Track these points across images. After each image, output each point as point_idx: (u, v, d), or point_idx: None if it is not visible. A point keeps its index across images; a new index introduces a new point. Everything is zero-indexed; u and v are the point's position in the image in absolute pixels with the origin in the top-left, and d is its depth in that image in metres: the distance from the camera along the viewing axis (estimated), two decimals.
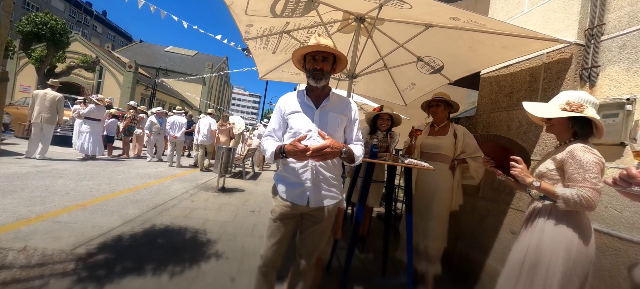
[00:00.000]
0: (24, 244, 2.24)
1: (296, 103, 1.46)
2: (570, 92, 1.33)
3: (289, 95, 1.52)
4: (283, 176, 1.43)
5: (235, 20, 2.34)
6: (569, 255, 1.19)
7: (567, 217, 1.23)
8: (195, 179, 6.06)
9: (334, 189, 1.44)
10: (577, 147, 1.23)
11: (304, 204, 1.37)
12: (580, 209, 1.16)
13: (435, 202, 2.19)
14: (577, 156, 1.20)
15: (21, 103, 9.62)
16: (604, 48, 1.76)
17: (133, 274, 2.02)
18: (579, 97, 1.29)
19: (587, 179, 1.16)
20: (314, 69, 1.39)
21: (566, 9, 1.97)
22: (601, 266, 1.61)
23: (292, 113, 1.44)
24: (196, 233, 2.95)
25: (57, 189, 3.82)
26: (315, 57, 1.41)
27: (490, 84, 2.58)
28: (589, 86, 1.81)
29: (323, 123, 1.40)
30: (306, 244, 1.46)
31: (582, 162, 1.18)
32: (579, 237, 1.20)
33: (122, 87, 22.08)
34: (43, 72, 14.18)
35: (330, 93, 1.48)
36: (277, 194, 1.43)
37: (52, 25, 13.43)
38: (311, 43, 1.42)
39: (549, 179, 1.30)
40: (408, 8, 1.89)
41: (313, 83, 1.42)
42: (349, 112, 1.48)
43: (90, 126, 6.58)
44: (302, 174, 1.37)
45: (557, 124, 1.35)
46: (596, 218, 1.65)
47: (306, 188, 1.37)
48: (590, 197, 1.12)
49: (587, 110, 1.25)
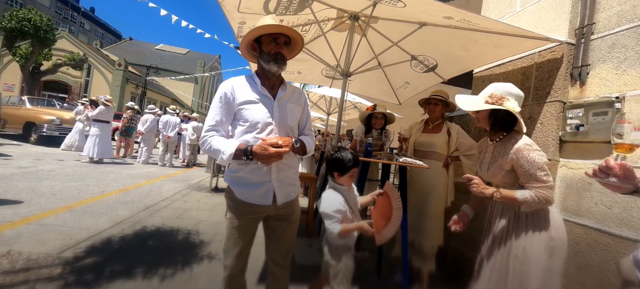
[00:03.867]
0: (7, 248, 2.16)
1: (249, 92, 1.26)
2: (495, 85, 1.37)
3: (236, 80, 1.29)
4: (240, 177, 1.25)
5: (227, 18, 2.29)
6: (549, 251, 1.25)
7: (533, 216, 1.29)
8: (188, 179, 5.97)
9: (296, 180, 1.39)
10: (521, 146, 1.27)
11: (270, 203, 1.26)
12: (541, 207, 1.25)
13: (431, 201, 2.19)
14: (524, 156, 1.25)
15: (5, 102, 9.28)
16: (594, 47, 1.78)
17: (122, 277, 1.97)
18: (503, 89, 1.33)
19: (538, 179, 1.23)
20: (277, 52, 1.23)
21: (557, 8, 1.99)
22: (591, 262, 1.64)
23: (246, 103, 1.24)
24: (188, 234, 2.90)
25: (43, 191, 3.70)
26: (277, 39, 1.24)
27: (484, 82, 2.60)
28: (579, 84, 1.83)
29: (283, 116, 1.27)
30: (279, 247, 1.35)
31: (530, 161, 1.24)
32: (551, 229, 1.27)
33: (111, 85, 21.56)
34: (28, 70, 13.75)
35: (284, 82, 1.35)
36: (234, 197, 1.26)
37: (36, 21, 13.01)
38: (267, 23, 1.22)
39: (501, 179, 1.36)
40: (402, 6, 1.89)
41: (275, 68, 1.24)
42: (303, 102, 1.39)
43: (100, 128, 6.35)
44: (265, 171, 1.23)
45: (482, 117, 1.41)
46: (586, 214, 1.68)
47: (270, 186, 1.25)
48: (547, 195, 1.21)
49: (508, 102, 1.30)
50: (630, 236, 1.47)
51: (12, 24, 12.72)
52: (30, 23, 12.86)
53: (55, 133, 8.32)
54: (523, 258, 1.26)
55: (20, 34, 12.99)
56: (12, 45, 13.51)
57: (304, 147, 1.31)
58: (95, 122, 6.40)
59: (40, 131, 8.19)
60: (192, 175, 6.55)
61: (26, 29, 12.82)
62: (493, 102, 1.31)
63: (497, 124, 1.37)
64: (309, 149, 1.34)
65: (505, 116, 1.34)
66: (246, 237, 1.30)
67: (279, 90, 1.32)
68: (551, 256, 1.25)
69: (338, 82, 3.50)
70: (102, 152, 6.40)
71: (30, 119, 8.45)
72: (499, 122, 1.36)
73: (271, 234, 1.36)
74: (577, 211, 1.73)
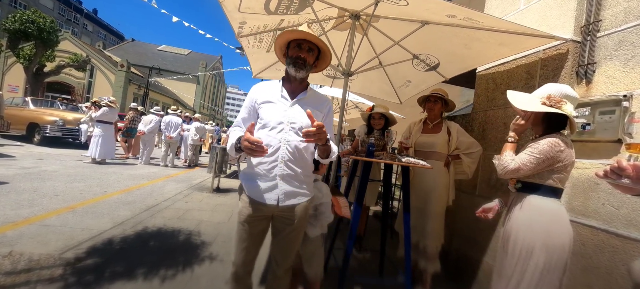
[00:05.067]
0: (9, 249, 2.16)
1: (270, 93, 1.36)
2: (552, 86, 1.34)
3: (263, 84, 1.42)
4: (250, 174, 1.33)
5: (228, 18, 2.28)
6: (546, 247, 1.24)
7: (538, 207, 1.28)
8: (189, 179, 5.97)
9: (304, 186, 1.35)
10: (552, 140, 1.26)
11: (274, 203, 1.28)
12: (497, 166, 1.36)
13: (433, 201, 2.17)
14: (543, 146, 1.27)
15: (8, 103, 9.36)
16: (601, 45, 1.75)
17: (124, 278, 1.96)
18: (561, 91, 1.29)
19: (527, 151, 1.28)
20: (297, 56, 1.32)
21: (562, 5, 1.96)
22: (598, 264, 1.60)
23: (264, 103, 1.33)
24: (190, 235, 2.89)
25: (45, 191, 3.71)
26: (301, 45, 1.34)
27: (487, 81, 2.57)
28: (585, 82, 1.80)
29: (295, 117, 1.31)
30: (280, 248, 1.39)
31: (539, 148, 1.26)
32: (554, 227, 1.26)
33: (113, 86, 21.68)
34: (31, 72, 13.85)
35: (308, 88, 1.40)
36: (244, 193, 1.34)
37: (40, 23, 13.11)
38: (302, 29, 1.34)
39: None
40: (404, 5, 1.86)
41: (293, 72, 1.33)
42: (324, 108, 1.40)
43: (103, 129, 6.39)
44: (271, 169, 1.28)
45: (534, 118, 1.37)
46: (593, 215, 1.65)
47: (276, 185, 1.28)
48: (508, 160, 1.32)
49: (565, 106, 1.27)
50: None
51: (16, 26, 12.83)
52: (34, 25, 12.97)
53: (58, 134, 8.36)
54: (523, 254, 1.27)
55: (24, 35, 13.10)
56: (15, 47, 13.62)
57: (330, 148, 1.30)
58: (98, 123, 6.42)
59: (43, 132, 8.23)
60: (194, 175, 6.55)
61: (30, 31, 12.93)
62: (551, 105, 1.26)
63: (550, 126, 1.33)
64: (333, 151, 1.32)
65: (559, 119, 1.30)
66: (252, 234, 1.33)
67: (300, 94, 1.37)
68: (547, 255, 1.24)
69: (339, 81, 3.48)
70: (105, 153, 6.42)
71: (33, 120, 8.50)
72: (552, 125, 1.32)
73: (276, 233, 1.39)
74: (583, 212, 1.70)
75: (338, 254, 2.68)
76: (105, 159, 6.53)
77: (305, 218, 1.40)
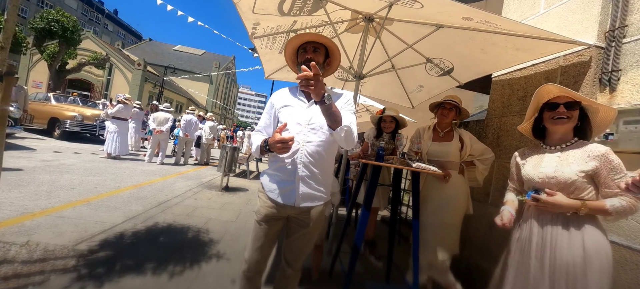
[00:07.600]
0: (27, 238, 2.24)
1: (288, 98, 1.40)
2: None
3: (282, 90, 1.47)
4: (270, 174, 1.37)
5: (242, 19, 2.31)
6: (608, 260, 1.16)
7: (595, 222, 1.20)
8: (199, 177, 6.07)
9: (322, 187, 1.35)
10: (607, 150, 1.18)
11: (291, 204, 1.30)
12: (629, 216, 1.15)
13: (451, 212, 2.09)
14: (612, 159, 1.16)
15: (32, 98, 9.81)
16: (626, 51, 1.67)
17: (133, 272, 2.00)
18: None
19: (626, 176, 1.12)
20: (305, 59, 1.34)
21: (585, 10, 1.89)
22: (620, 281, 1.52)
23: (283, 107, 1.38)
24: (198, 232, 2.93)
25: (62, 184, 3.85)
26: (306, 48, 1.38)
27: (503, 87, 2.49)
28: (609, 90, 1.72)
29: (312, 117, 1.33)
30: (292, 248, 1.41)
31: (615, 166, 1.14)
32: (606, 238, 1.19)
33: (131, 84, 22.39)
34: (55, 69, 14.47)
35: (326, 88, 1.42)
36: (263, 192, 1.37)
37: (64, 22, 13.71)
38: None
39: (578, 189, 1.20)
40: (419, 7, 1.83)
41: None
42: (342, 101, 1.39)
43: (118, 125, 6.60)
44: (290, 169, 1.30)
45: (574, 119, 1.26)
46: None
47: (294, 185, 1.29)
48: (635, 202, 1.08)
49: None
50: None
51: (42, 25, 13.46)
52: (59, 24, 13.58)
53: (77, 129, 8.69)
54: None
55: (49, 34, 13.73)
56: (40, 45, 14.28)
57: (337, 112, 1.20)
58: (113, 120, 6.62)
59: (63, 126, 8.57)
60: (204, 173, 6.65)
61: (54, 30, 13.54)
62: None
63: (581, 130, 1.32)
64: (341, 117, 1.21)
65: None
66: (268, 234, 1.35)
67: None
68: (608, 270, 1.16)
69: (350, 84, 3.46)
70: (120, 149, 6.62)
71: (54, 115, 8.88)
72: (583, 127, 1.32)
73: (290, 234, 1.41)
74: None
75: (344, 258, 2.65)
76: (120, 155, 6.71)
77: (320, 221, 1.40)
